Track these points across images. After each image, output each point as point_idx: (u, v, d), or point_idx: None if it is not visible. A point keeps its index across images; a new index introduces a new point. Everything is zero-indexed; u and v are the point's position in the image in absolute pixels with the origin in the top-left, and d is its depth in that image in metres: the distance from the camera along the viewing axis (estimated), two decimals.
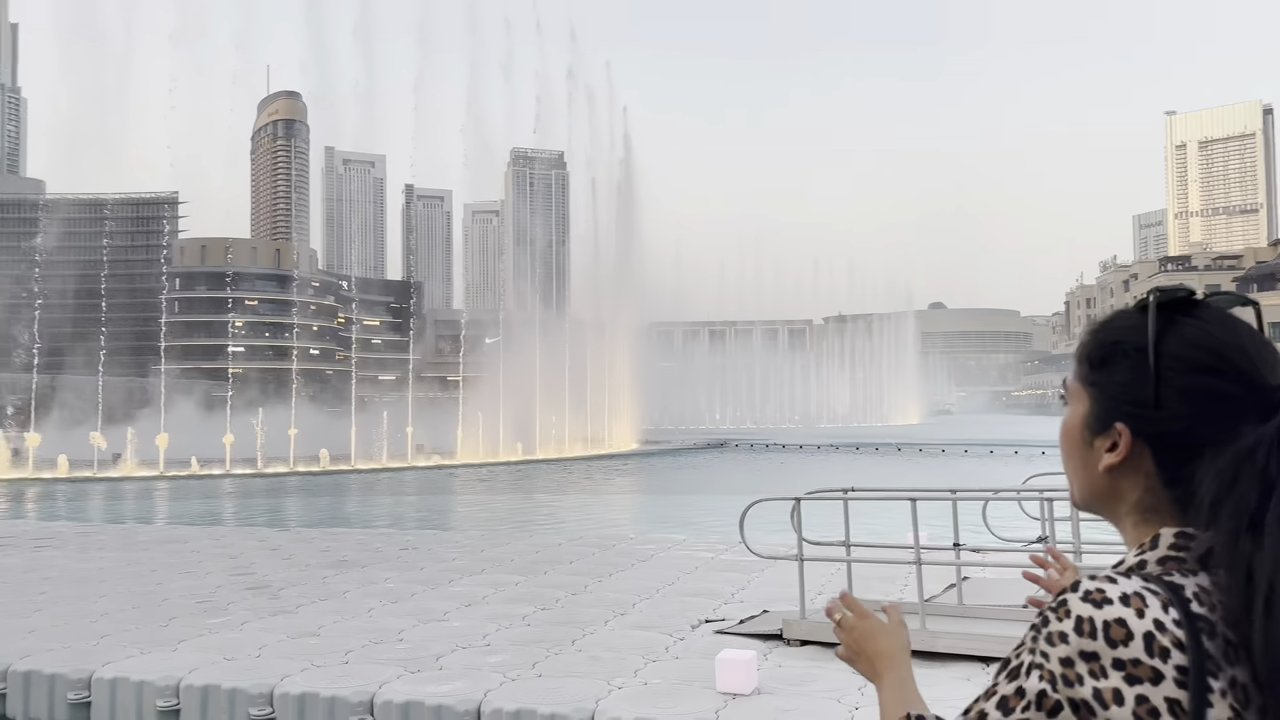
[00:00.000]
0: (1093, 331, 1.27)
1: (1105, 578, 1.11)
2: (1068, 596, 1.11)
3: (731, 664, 7.40)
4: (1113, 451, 1.20)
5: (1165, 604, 1.07)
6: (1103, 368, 1.23)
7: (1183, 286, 1.22)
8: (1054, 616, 1.11)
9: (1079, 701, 1.07)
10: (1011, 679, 1.14)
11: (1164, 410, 1.16)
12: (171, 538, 16.78)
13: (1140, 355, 1.18)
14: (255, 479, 39.31)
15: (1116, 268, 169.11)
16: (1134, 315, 1.23)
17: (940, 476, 35.41)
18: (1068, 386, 1.29)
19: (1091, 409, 1.23)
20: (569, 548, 15.21)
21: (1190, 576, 1.11)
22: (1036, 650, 1.11)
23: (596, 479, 39.33)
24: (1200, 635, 1.05)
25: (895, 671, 1.47)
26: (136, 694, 7.97)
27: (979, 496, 10.01)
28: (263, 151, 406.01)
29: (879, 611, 1.59)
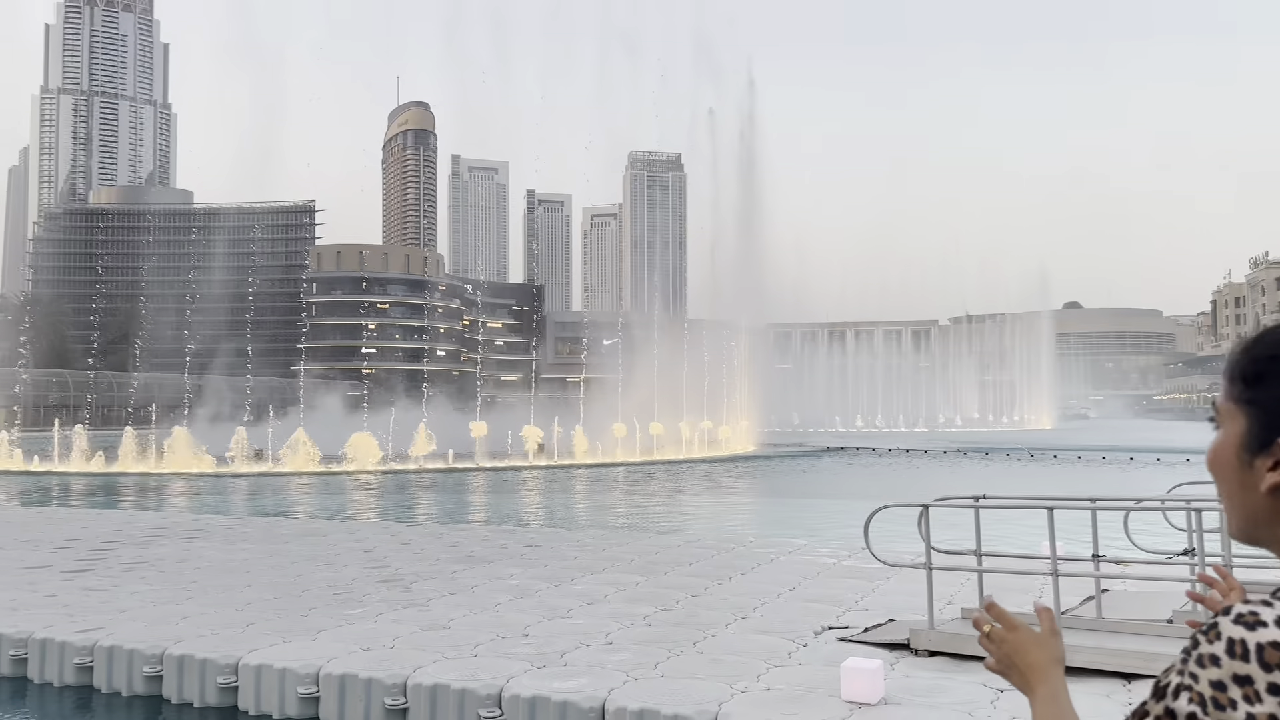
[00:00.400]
0: (1245, 348, 1.21)
1: (1261, 601, 1.07)
2: (1219, 620, 1.07)
3: (858, 672, 7.27)
4: (1277, 470, 1.14)
5: None
6: (1261, 384, 1.17)
7: None
8: (1205, 639, 1.08)
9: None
10: (1159, 699, 1.11)
11: None
12: (310, 531, 17.57)
13: None
14: (385, 475, 40.79)
15: (1268, 264, 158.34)
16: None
17: (1077, 484, 33.92)
18: (1218, 408, 1.23)
19: (1249, 428, 1.18)
20: (688, 549, 15.22)
21: None
22: (1186, 672, 1.08)
23: (715, 481, 39.25)
24: None
25: (1048, 686, 1.44)
26: (280, 680, 8.38)
27: (1120, 506, 9.53)
28: (393, 160, 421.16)
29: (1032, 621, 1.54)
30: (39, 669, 9.46)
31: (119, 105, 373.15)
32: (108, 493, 33.62)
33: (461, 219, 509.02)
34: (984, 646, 1.56)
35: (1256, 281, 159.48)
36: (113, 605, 10.95)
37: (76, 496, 32.42)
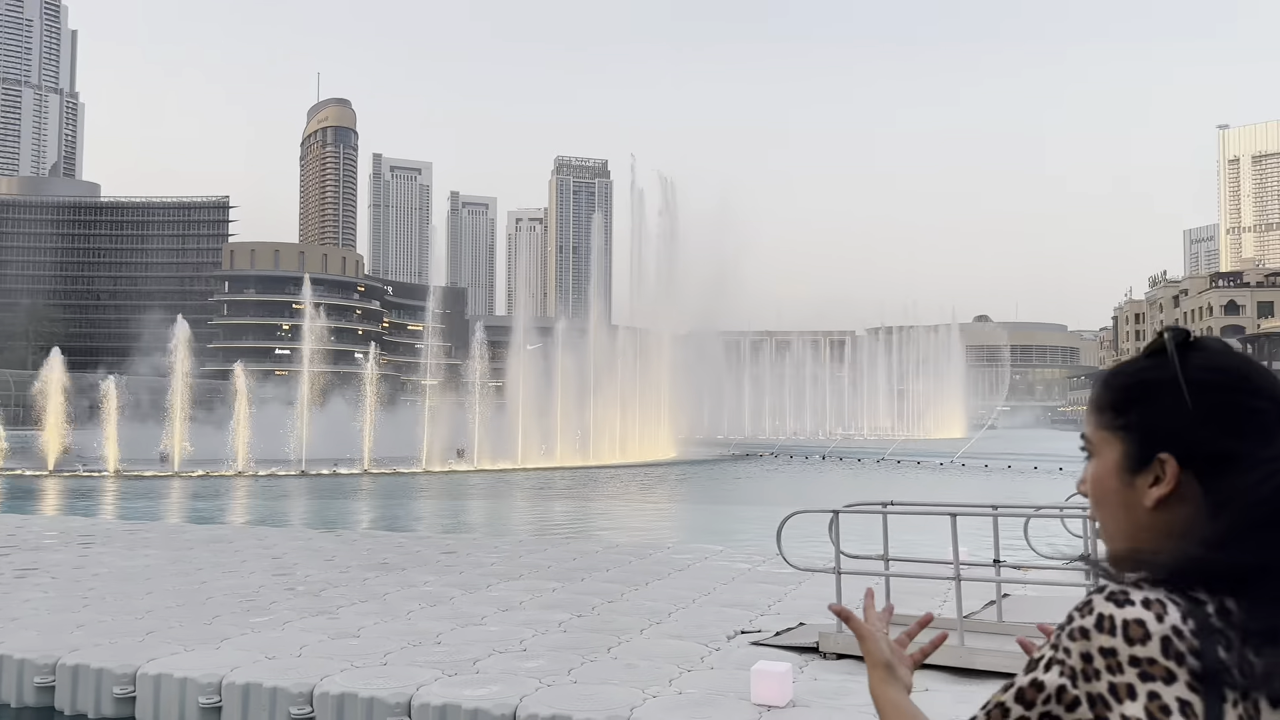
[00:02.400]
0: (1106, 382, 1.31)
1: (1132, 583, 1.15)
2: (1094, 597, 1.15)
3: (767, 676, 7.38)
4: (1158, 485, 1.22)
5: (1185, 614, 1.11)
6: (1130, 409, 1.26)
7: (1183, 328, 1.28)
8: (1078, 615, 1.15)
9: (1095, 696, 1.11)
10: (1029, 672, 1.18)
11: (1203, 431, 1.20)
12: (216, 537, 17.08)
13: (1170, 387, 1.22)
14: (298, 480, 39.87)
15: (1166, 283, 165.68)
16: (1145, 359, 1.28)
17: (982, 492, 34.93)
18: (1089, 439, 1.32)
19: (1126, 450, 1.26)
20: (606, 555, 15.24)
21: (1217, 598, 1.13)
22: (1060, 646, 1.15)
23: (634, 487, 39.35)
24: (1217, 646, 1.09)
25: (882, 686, 1.48)
26: (180, 690, 8.13)
27: (1021, 513, 9.88)
28: (312, 158, 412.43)
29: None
30: None
31: (23, 92, 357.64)
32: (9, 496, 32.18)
33: (382, 219, 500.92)
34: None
35: (1155, 299, 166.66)
36: (3, 613, 10.49)
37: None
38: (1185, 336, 1.26)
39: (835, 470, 49.71)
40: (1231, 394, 1.20)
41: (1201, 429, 1.20)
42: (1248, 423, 1.19)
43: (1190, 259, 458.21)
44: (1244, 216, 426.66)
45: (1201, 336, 1.28)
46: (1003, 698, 1.20)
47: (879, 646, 1.53)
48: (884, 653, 1.52)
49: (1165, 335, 1.27)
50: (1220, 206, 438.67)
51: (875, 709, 1.48)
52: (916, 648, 1.62)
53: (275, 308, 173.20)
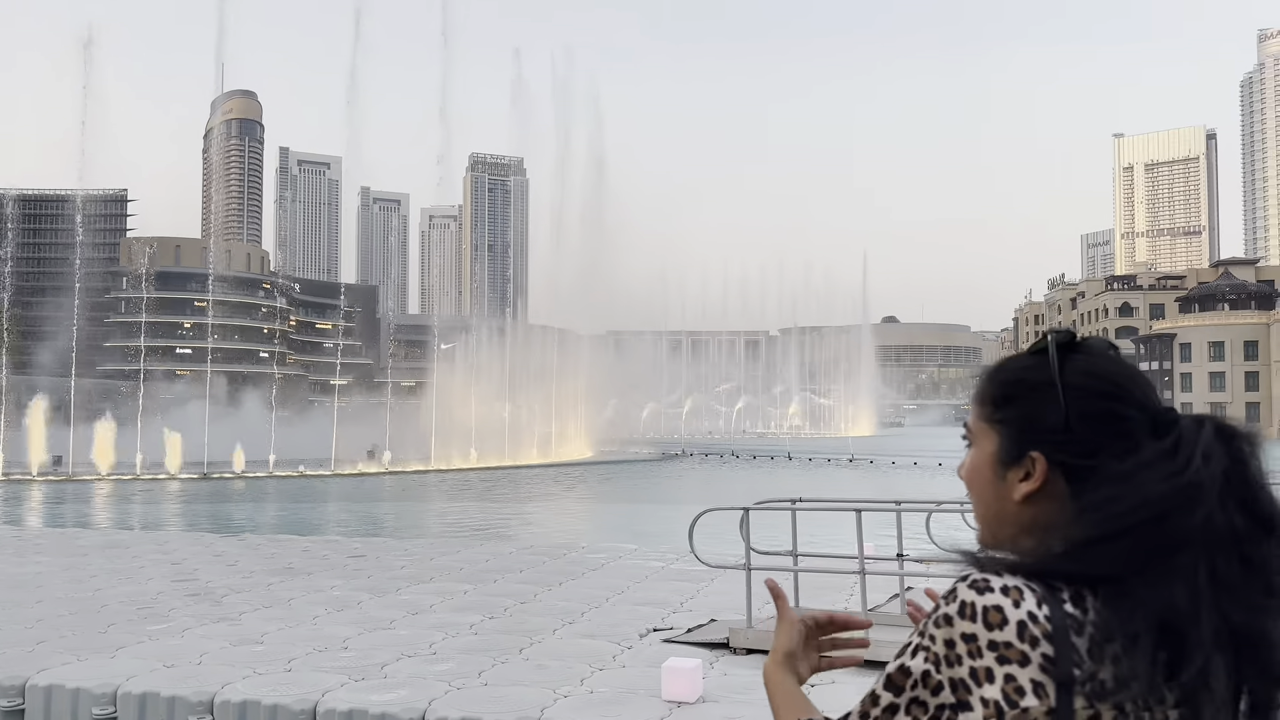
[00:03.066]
0: (989, 376, 1.38)
1: (993, 572, 1.21)
2: (957, 585, 1.21)
3: (677, 672, 7.45)
4: (1027, 480, 1.30)
5: (1040, 600, 1.17)
6: (1009, 405, 1.33)
7: (1069, 330, 1.34)
8: (943, 603, 1.21)
9: (957, 680, 1.17)
10: (898, 658, 1.23)
11: (1073, 434, 1.27)
12: (113, 543, 16.45)
13: (1046, 388, 1.29)
14: (201, 483, 38.64)
15: (1064, 285, 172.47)
16: (1029, 357, 1.34)
17: (888, 488, 35.81)
18: (970, 428, 1.39)
19: (1001, 444, 1.33)
20: (519, 556, 15.17)
21: (1073, 587, 1.20)
22: (926, 633, 1.21)
23: (550, 487, 39.23)
24: (1069, 631, 1.16)
25: (776, 673, 1.54)
26: (72, 701, 7.81)
27: (922, 508, 10.17)
28: (215, 150, 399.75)
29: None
30: None
31: None
32: None
33: (290, 214, 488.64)
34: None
35: (1054, 301, 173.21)
36: None
37: None
38: (1070, 338, 1.32)
39: (747, 469, 50.39)
40: (1104, 400, 1.26)
41: (1072, 432, 1.26)
42: (1117, 430, 1.25)
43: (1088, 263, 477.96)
44: (1138, 222, 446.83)
45: (1087, 339, 1.34)
46: (874, 686, 1.26)
47: (791, 634, 1.57)
48: (793, 641, 1.57)
49: (1049, 336, 1.33)
50: (1115, 212, 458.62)
51: (766, 690, 1.53)
52: (832, 647, 1.64)
53: (176, 305, 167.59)
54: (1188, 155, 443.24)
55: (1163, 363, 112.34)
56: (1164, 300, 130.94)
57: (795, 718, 1.44)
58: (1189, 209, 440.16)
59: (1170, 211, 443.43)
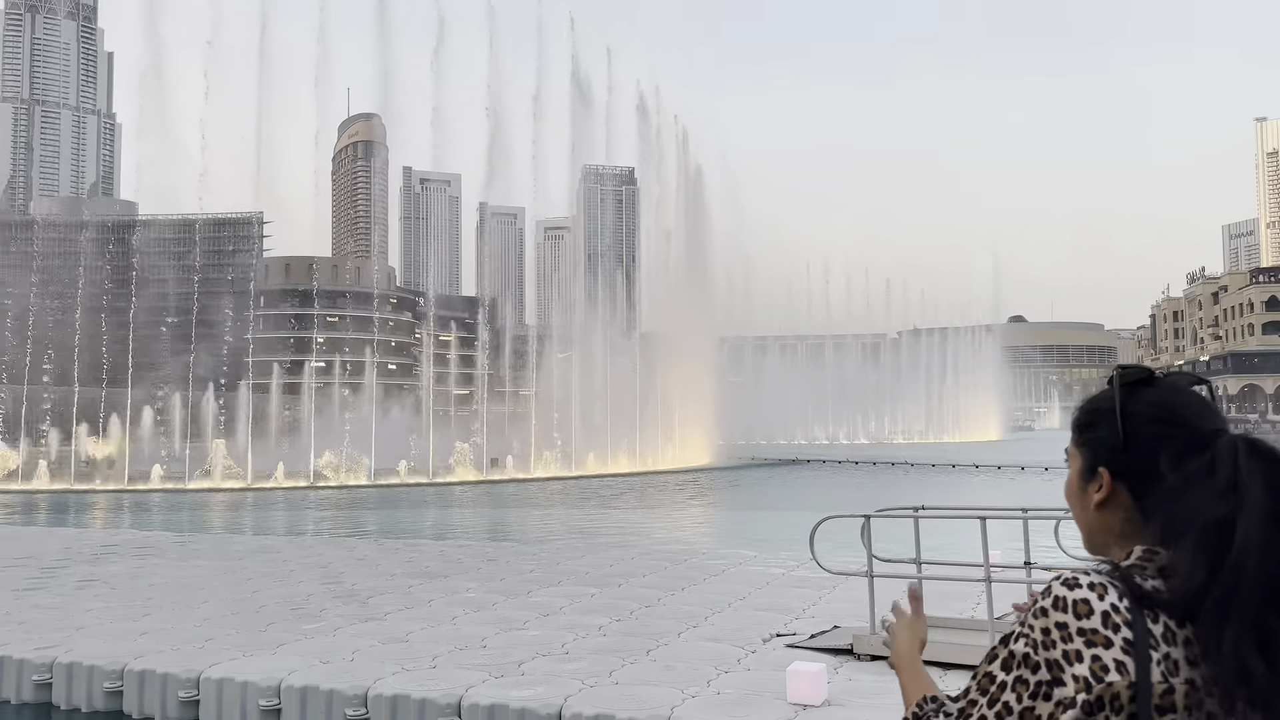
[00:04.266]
0: (1080, 407, 1.71)
1: (1082, 571, 1.51)
2: (1051, 583, 1.52)
3: (802, 675, 7.63)
4: (1099, 491, 1.62)
5: (1121, 594, 1.47)
6: (1088, 430, 1.66)
7: (1144, 367, 1.65)
8: (1041, 598, 1.51)
9: (1052, 661, 1.46)
10: (1005, 644, 1.54)
11: (1131, 453, 1.58)
12: (264, 548, 17.58)
13: (1110, 415, 1.61)
14: (339, 491, 40.53)
15: (1204, 279, 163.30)
16: (1108, 390, 1.66)
17: (1016, 495, 34.84)
18: (1068, 451, 1.72)
19: (1083, 463, 1.66)
20: (642, 561, 15.53)
21: (1150, 579, 1.50)
22: (1026, 623, 1.51)
23: (668, 494, 39.60)
24: (1146, 619, 1.45)
25: (903, 660, 1.85)
26: (241, 693, 8.53)
27: (1050, 516, 10.03)
28: (343, 172, 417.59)
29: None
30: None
31: (61, 114, 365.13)
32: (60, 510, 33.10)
33: (414, 231, 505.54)
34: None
35: (1194, 296, 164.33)
36: (69, 623, 10.97)
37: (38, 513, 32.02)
38: (1148, 375, 1.64)
39: (868, 475, 49.64)
40: (1156, 425, 1.57)
41: (1128, 451, 1.58)
42: (1164, 450, 1.54)
43: (1230, 254, 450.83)
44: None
45: (1169, 374, 1.65)
46: (988, 667, 1.55)
47: (921, 629, 2.00)
48: (922, 635, 1.99)
49: (1115, 372, 1.65)
50: (1260, 200, 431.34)
51: (898, 670, 1.81)
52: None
53: (310, 321, 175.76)
54: None
55: None
56: None
57: (924, 694, 1.70)
58: None
59: None
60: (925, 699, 1.72)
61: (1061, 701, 1.44)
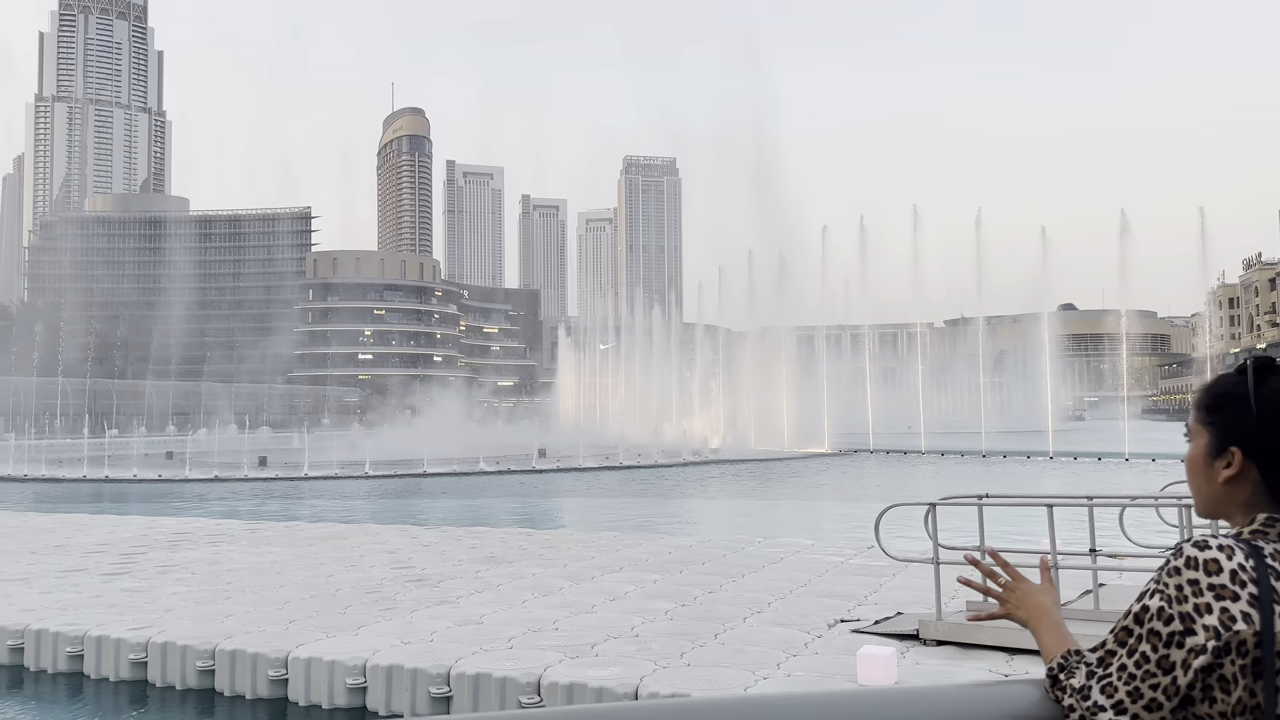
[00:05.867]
0: (1207, 388, 1.89)
1: (1211, 535, 1.73)
2: (1184, 545, 1.73)
3: (873, 659, 7.82)
4: (1229, 468, 1.81)
5: (1247, 555, 1.68)
6: (1218, 411, 1.85)
7: (1270, 356, 1.84)
8: (1173, 557, 1.72)
9: (1185, 614, 1.67)
10: (1140, 600, 1.76)
11: (1263, 436, 1.78)
12: (333, 534, 18.08)
13: (1245, 401, 1.80)
14: (390, 480, 41.26)
15: (1261, 265, 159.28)
16: (1236, 375, 1.84)
17: (1075, 484, 34.54)
18: (1190, 427, 1.91)
19: (1211, 441, 1.85)
20: (700, 549, 15.76)
21: (1272, 543, 1.72)
22: (1160, 580, 1.73)
23: (722, 484, 39.78)
24: (1270, 575, 1.66)
25: (1050, 618, 2.01)
26: (329, 672, 8.91)
27: (1116, 503, 10.10)
28: (388, 166, 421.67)
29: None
30: (95, 665, 9.97)
31: (113, 113, 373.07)
32: (130, 499, 34.15)
33: (457, 224, 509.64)
34: (991, 595, 2.10)
35: (1250, 282, 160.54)
36: (157, 605, 11.47)
37: (104, 502, 33.15)
38: (1270, 362, 1.82)
39: (922, 465, 49.40)
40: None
41: (1261, 433, 1.77)
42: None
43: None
44: None
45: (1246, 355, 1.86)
46: (1124, 622, 1.77)
47: (1054, 591, 2.12)
48: (1054, 595, 2.11)
49: (1248, 361, 1.84)
50: None
51: (1035, 625, 1.99)
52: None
53: (358, 314, 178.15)
54: None
55: None
56: None
57: (1066, 648, 1.90)
58: None
59: None
60: (1069, 652, 1.90)
61: (1193, 649, 1.65)
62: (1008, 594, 2.11)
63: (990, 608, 2.14)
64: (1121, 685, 1.73)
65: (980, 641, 8.95)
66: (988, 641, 8.92)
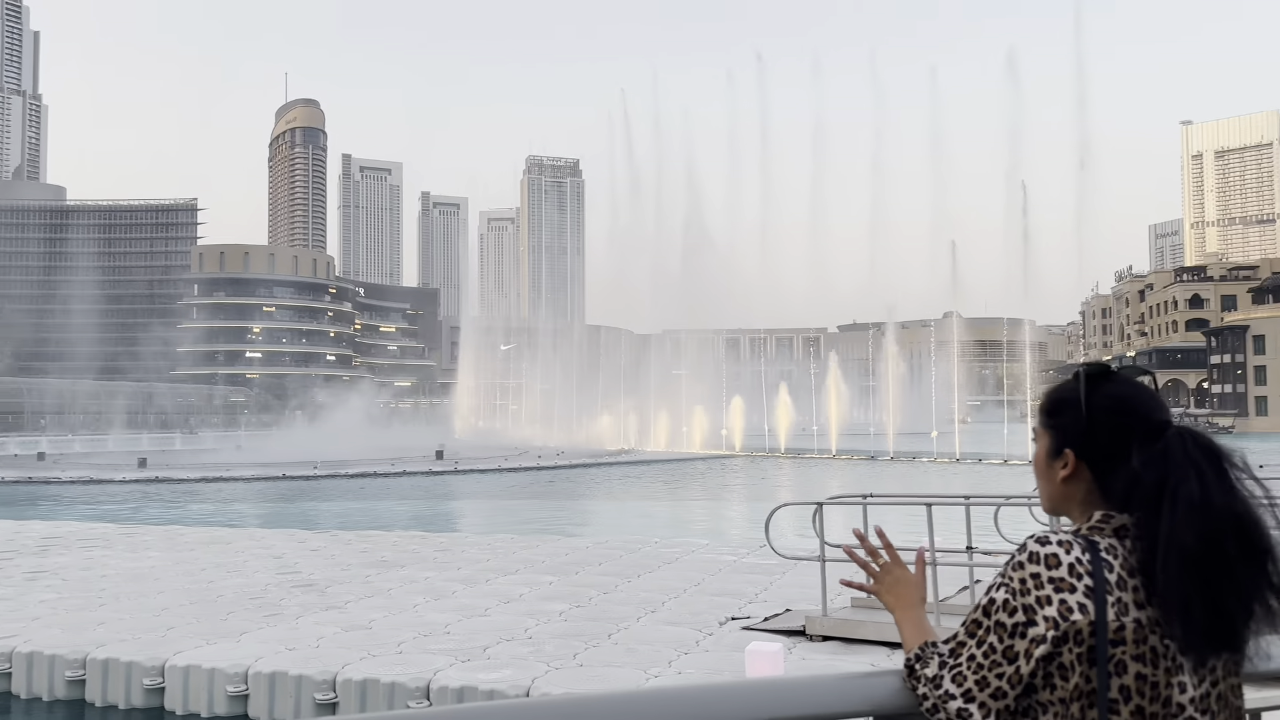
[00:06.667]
0: (1046, 394, 2.03)
1: (1052, 531, 1.84)
2: (1027, 540, 1.84)
3: (760, 655, 7.97)
4: (1065, 468, 1.94)
5: (1083, 550, 1.81)
6: (1055, 415, 1.98)
7: (1103, 363, 1.97)
8: (1018, 552, 1.83)
9: (1027, 605, 1.78)
10: (988, 593, 1.86)
11: (1093, 439, 1.91)
12: (215, 539, 17.47)
13: (1078, 406, 1.93)
14: (278, 482, 40.06)
15: (1132, 278, 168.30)
16: (1072, 382, 1.97)
17: (955, 484, 35.84)
18: (1035, 430, 2.03)
19: (1050, 443, 1.97)
20: (596, 550, 15.81)
21: (1106, 538, 1.84)
22: (1006, 574, 1.84)
23: (623, 484, 39.93)
24: (1103, 569, 1.78)
25: (913, 609, 2.11)
26: (208, 680, 8.63)
27: (991, 502, 10.54)
28: (280, 159, 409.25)
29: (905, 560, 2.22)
30: None
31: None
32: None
33: (353, 220, 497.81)
34: (868, 570, 2.19)
35: (1121, 294, 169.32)
36: (23, 613, 10.90)
37: None
38: (1103, 369, 1.95)
39: (811, 467, 50.53)
40: (1115, 416, 1.89)
41: (1091, 437, 1.90)
42: (1120, 436, 1.87)
43: (1156, 254, 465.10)
44: (1207, 211, 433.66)
45: (1123, 368, 1.97)
46: (974, 615, 1.87)
47: (922, 583, 2.19)
48: (921, 587, 2.18)
49: (1081, 369, 1.96)
50: (1184, 201, 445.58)
51: (900, 616, 2.08)
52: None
53: (246, 310, 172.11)
54: (1260, 141, 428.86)
55: (1235, 356, 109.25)
56: (1236, 291, 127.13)
57: (924, 639, 1.99)
58: (1261, 197, 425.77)
59: (1242, 199, 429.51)
60: (926, 643, 2.00)
61: (1035, 639, 1.76)
62: (883, 574, 2.20)
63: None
64: (970, 674, 1.83)
65: (863, 637, 9.24)
66: (870, 637, 9.22)
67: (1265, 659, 1.83)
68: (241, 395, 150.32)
